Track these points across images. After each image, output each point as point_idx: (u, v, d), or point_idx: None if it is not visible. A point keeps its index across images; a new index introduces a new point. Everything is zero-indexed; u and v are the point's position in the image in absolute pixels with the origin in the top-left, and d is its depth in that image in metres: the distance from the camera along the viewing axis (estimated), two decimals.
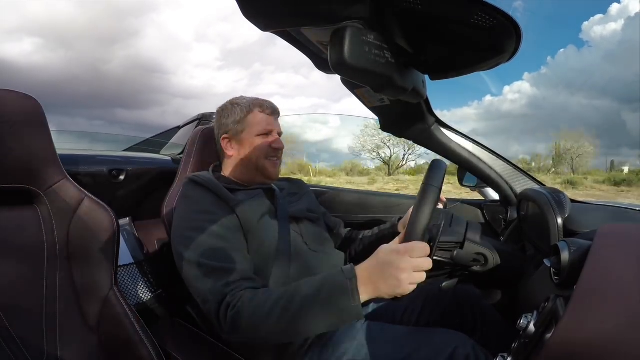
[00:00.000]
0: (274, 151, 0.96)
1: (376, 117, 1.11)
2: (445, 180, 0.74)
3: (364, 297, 0.62)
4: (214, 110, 1.05)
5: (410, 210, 0.79)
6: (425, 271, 0.67)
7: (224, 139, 0.97)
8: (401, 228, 1.00)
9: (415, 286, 0.61)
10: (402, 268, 0.59)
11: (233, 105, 0.97)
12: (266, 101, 0.97)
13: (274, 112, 0.97)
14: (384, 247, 0.64)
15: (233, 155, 0.97)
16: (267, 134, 0.95)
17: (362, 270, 0.64)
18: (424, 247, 0.62)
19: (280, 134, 0.99)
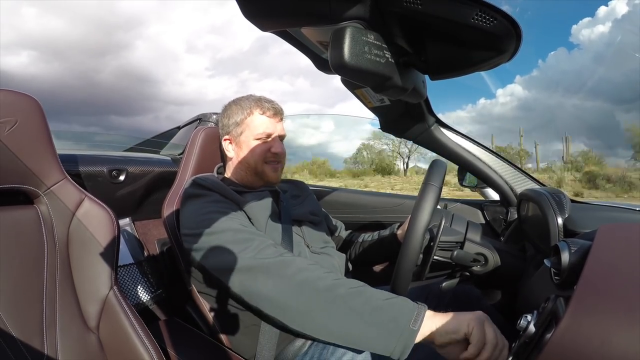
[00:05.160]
0: (274, 156, 0.93)
1: (375, 117, 1.11)
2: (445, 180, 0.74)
3: (426, 328, 0.57)
4: (211, 111, 1.04)
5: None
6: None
7: (225, 140, 0.96)
8: (400, 235, 0.99)
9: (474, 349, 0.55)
10: (488, 321, 0.57)
11: (235, 105, 0.95)
12: (268, 102, 0.94)
13: (275, 113, 0.94)
14: None
15: (233, 158, 0.96)
16: (267, 137, 0.92)
17: (436, 313, 0.60)
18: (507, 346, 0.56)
19: (282, 136, 0.96)
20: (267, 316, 0.65)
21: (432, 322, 0.57)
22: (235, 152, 0.95)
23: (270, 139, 0.93)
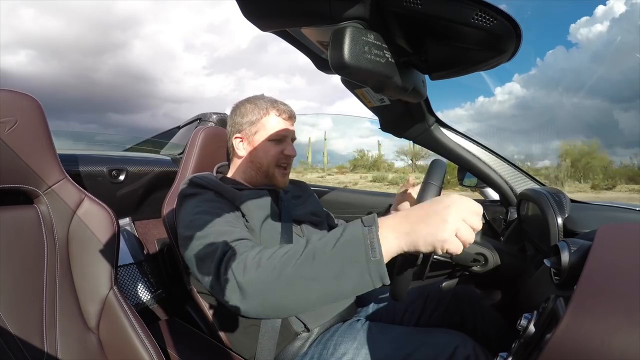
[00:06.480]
0: (286, 158, 0.94)
1: (374, 117, 1.11)
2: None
3: (391, 246, 0.51)
4: (209, 109, 1.03)
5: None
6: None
7: (236, 137, 0.94)
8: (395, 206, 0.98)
9: (460, 246, 0.49)
10: (452, 208, 0.49)
11: (250, 104, 0.94)
12: (284, 104, 0.95)
13: (290, 116, 0.95)
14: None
15: (243, 157, 0.94)
16: (281, 139, 0.93)
17: (391, 216, 0.54)
18: (480, 207, 0.52)
19: (294, 139, 0.97)
20: None
21: (394, 241, 0.51)
22: (247, 151, 0.94)
23: (284, 141, 0.93)
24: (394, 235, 0.51)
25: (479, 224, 0.51)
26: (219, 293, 0.60)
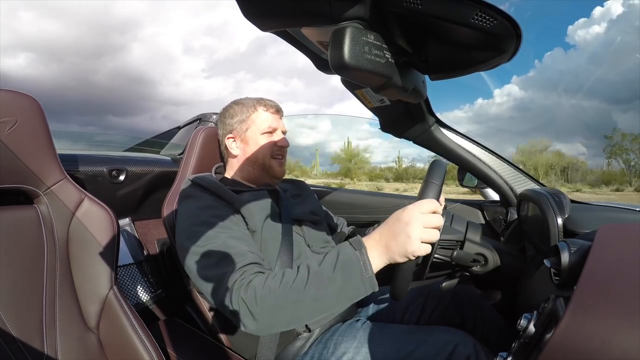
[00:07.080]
0: (280, 149, 0.96)
1: (373, 117, 1.11)
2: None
3: (377, 263, 0.61)
4: (208, 111, 1.04)
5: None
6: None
7: (228, 138, 0.97)
8: None
9: (429, 247, 0.59)
10: (411, 223, 0.58)
11: (237, 105, 0.97)
12: (270, 100, 0.98)
13: (277, 110, 0.98)
14: (395, 212, 0.63)
15: (238, 155, 0.96)
16: (272, 132, 0.95)
17: (371, 238, 0.63)
18: (433, 203, 0.61)
19: (284, 132, 0.99)
20: None
21: (378, 259, 0.61)
22: (241, 149, 0.96)
23: (275, 134, 0.96)
24: (377, 254, 0.61)
25: (439, 221, 0.60)
26: (230, 316, 0.65)
